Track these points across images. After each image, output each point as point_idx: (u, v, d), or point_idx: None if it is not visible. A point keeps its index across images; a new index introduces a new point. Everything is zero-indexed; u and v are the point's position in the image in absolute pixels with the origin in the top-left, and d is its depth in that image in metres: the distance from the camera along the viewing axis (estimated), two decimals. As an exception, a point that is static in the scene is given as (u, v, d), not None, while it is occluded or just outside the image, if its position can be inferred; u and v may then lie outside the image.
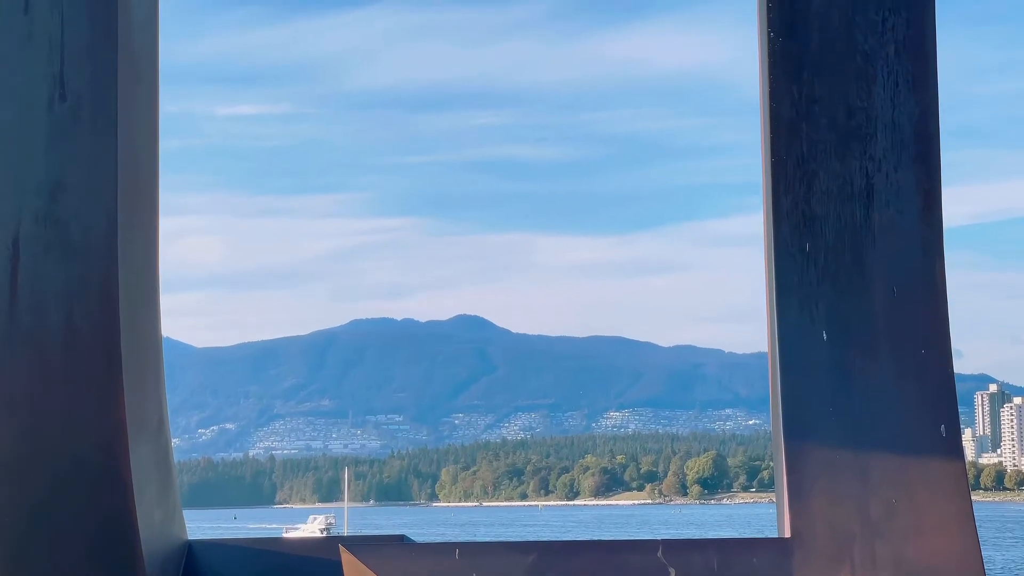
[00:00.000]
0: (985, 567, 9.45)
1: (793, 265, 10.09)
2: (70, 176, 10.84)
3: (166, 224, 12.10)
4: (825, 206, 10.11)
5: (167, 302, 12.15)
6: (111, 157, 10.84)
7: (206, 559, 11.75)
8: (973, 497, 9.99)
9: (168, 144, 12.07)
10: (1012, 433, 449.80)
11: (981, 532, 9.54)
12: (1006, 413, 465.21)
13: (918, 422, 9.79)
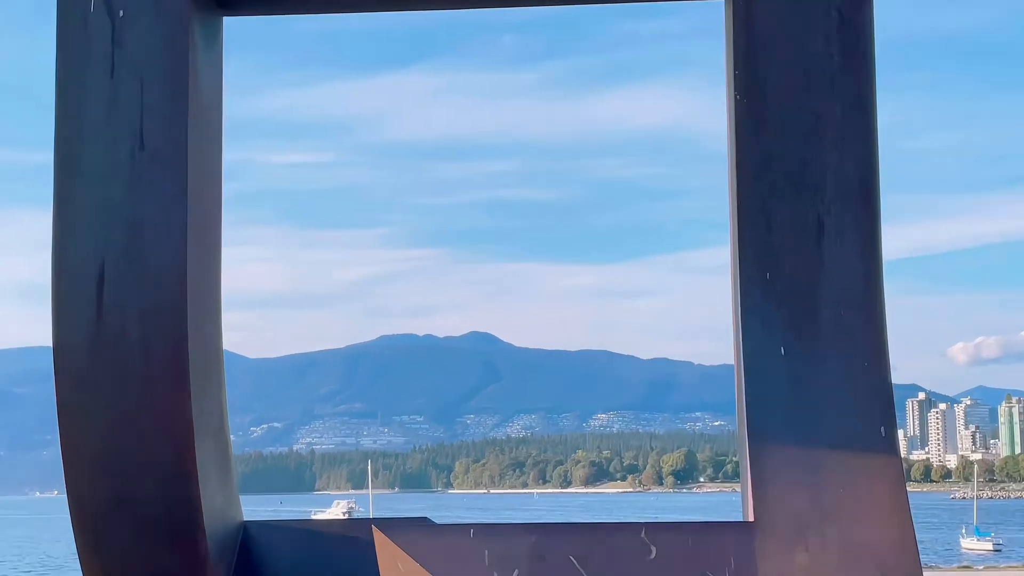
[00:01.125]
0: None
1: (755, 291, 10.11)
2: (147, 215, 10.88)
3: (229, 253, 12.13)
4: (782, 241, 10.13)
5: (228, 319, 12.18)
6: (181, 199, 10.89)
7: (258, 536, 11.75)
8: (906, 487, 10.01)
9: (230, 187, 12.04)
10: (938, 434, 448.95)
11: (913, 517, 9.55)
12: (932, 417, 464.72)
13: (861, 424, 9.80)
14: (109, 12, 11.02)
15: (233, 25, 11.92)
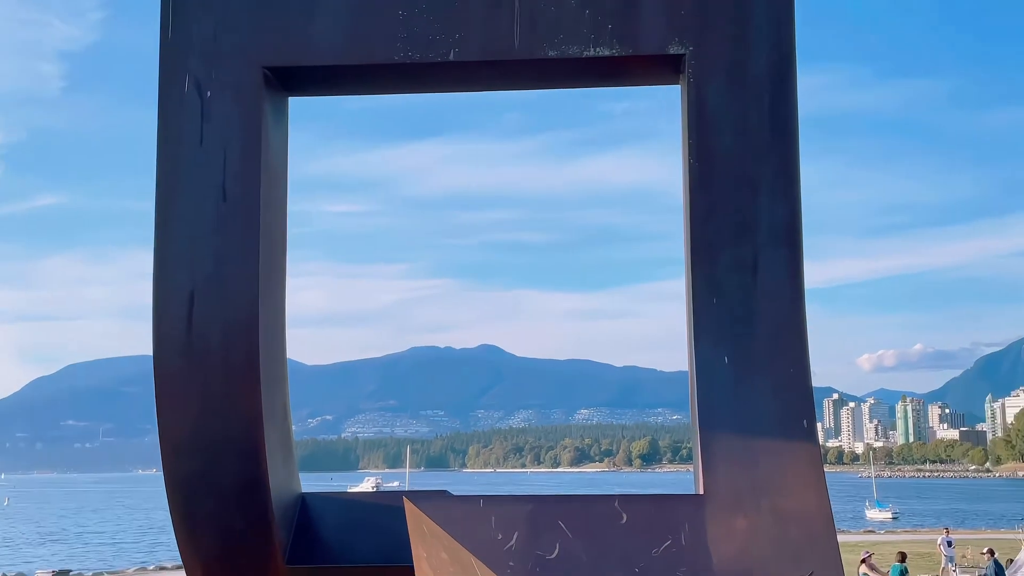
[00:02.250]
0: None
1: (705, 313, 10.08)
2: (227, 252, 10.88)
3: (291, 282, 12.12)
4: (726, 275, 10.12)
5: (290, 333, 12.15)
6: (254, 240, 10.89)
7: (313, 505, 11.72)
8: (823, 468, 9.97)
9: (293, 230, 11.99)
10: (847, 426, 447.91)
11: (828, 491, 9.53)
12: (843, 413, 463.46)
13: (788, 417, 9.76)
14: (199, 93, 11.07)
15: (297, 103, 11.95)
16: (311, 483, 12.50)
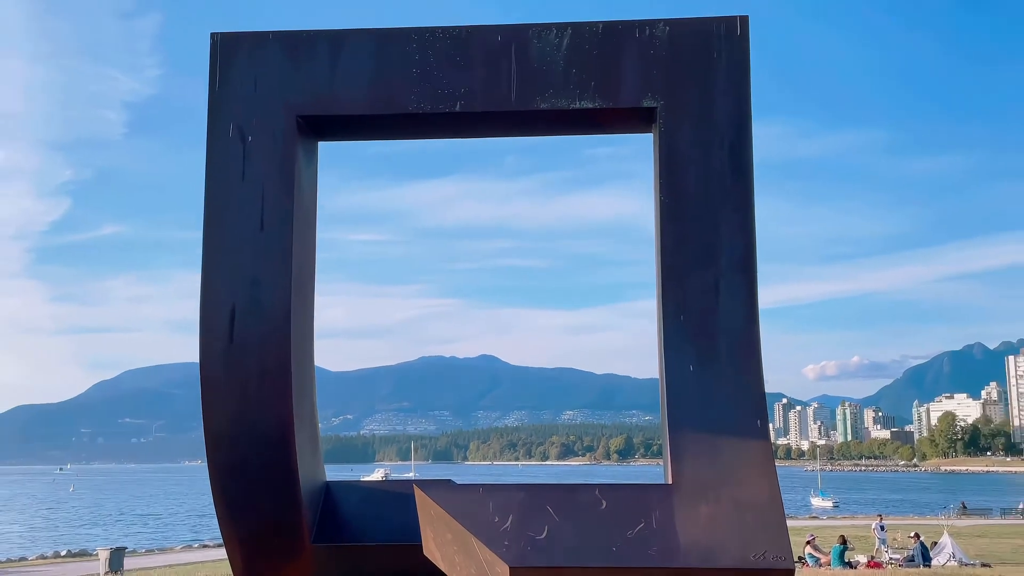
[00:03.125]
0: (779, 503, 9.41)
1: (674, 328, 10.06)
2: (264, 274, 10.86)
3: (319, 299, 12.09)
4: (692, 296, 10.11)
5: (317, 344, 12.12)
6: (287, 264, 10.88)
7: (336, 491, 11.66)
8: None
9: (321, 255, 11.98)
10: (795, 427, 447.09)
11: (779, 482, 9.49)
12: (792, 415, 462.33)
13: (744, 418, 9.73)
14: (241, 138, 11.08)
15: (326, 147, 11.96)
16: (334, 473, 12.45)
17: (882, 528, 34.18)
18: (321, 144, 11.92)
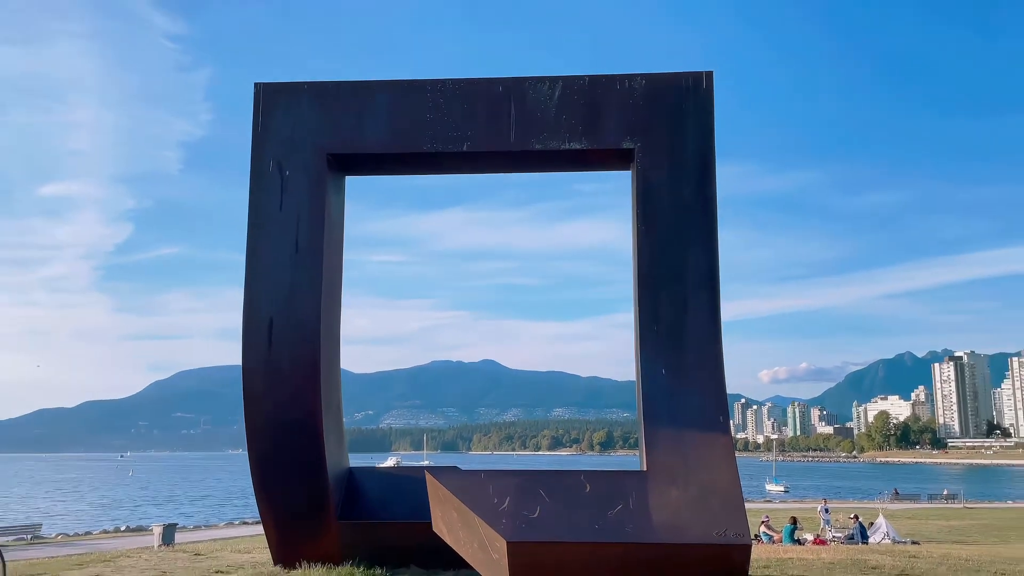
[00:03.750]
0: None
1: (649, 337, 10.04)
2: (298, 288, 10.86)
3: (345, 311, 12.07)
4: (664, 309, 10.10)
5: (342, 349, 12.09)
6: (318, 280, 10.88)
7: (358, 476, 11.62)
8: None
9: (347, 273, 11.93)
10: (752, 423, 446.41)
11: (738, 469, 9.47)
12: (749, 413, 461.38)
13: (708, 414, 9.69)
14: (280, 172, 11.09)
15: (352, 180, 11.97)
16: (356, 460, 12.40)
17: (826, 511, 34.04)
18: (348, 178, 11.96)
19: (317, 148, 11.18)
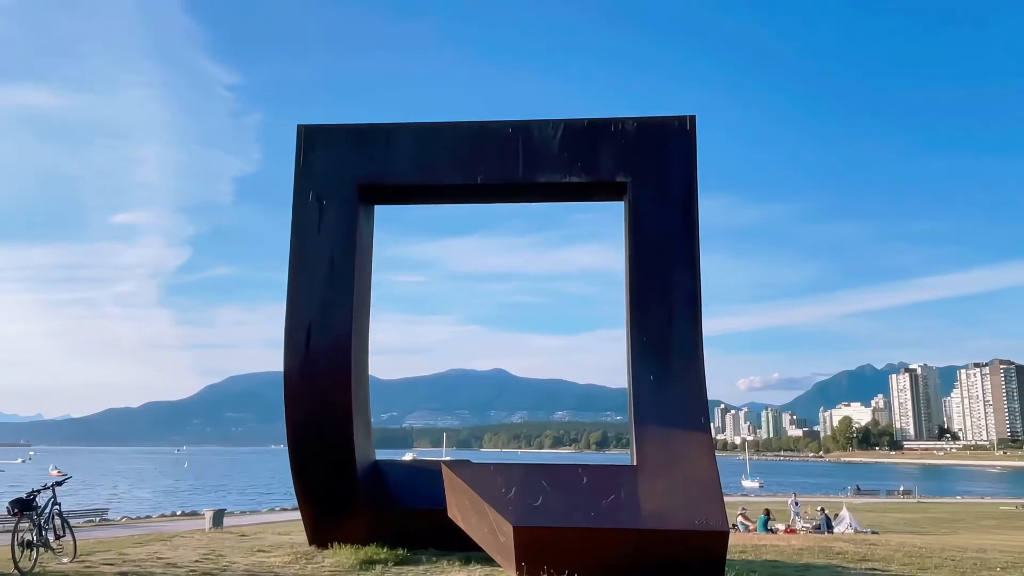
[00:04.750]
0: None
1: (639, 348, 9.99)
2: (332, 303, 10.85)
3: (373, 324, 12.05)
4: (652, 323, 10.05)
5: (371, 357, 12.06)
6: (349, 297, 10.87)
7: (383, 467, 11.55)
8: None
9: (375, 291, 11.95)
10: (730, 426, 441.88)
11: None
12: (728, 417, 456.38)
13: (691, 416, 9.62)
14: (318, 202, 11.13)
15: (381, 209, 11.98)
16: (381, 455, 12.33)
17: (796, 503, 33.72)
18: (377, 208, 11.98)
19: (350, 181, 11.22)
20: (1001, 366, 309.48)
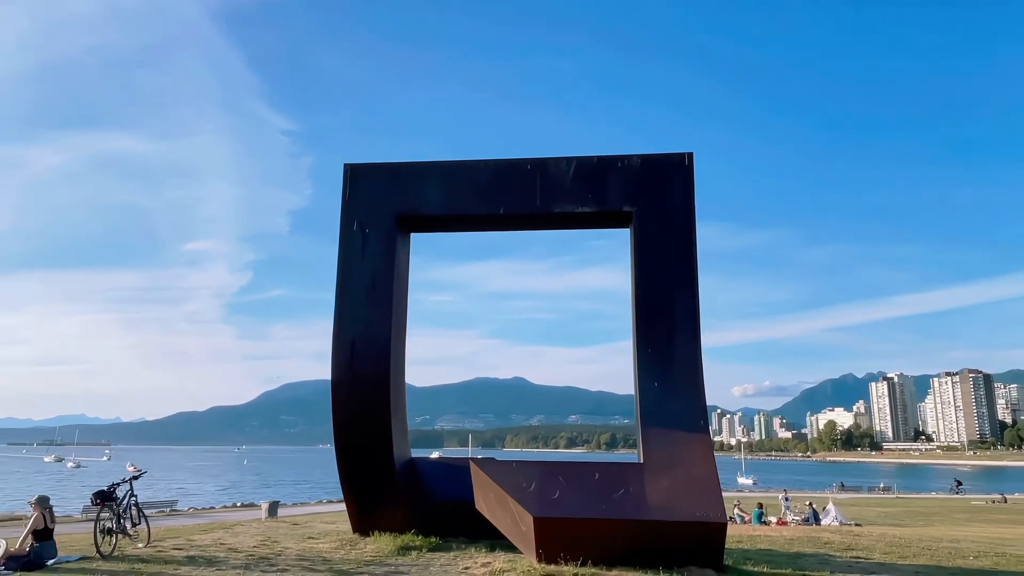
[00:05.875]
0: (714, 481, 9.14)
1: (645, 359, 9.91)
2: (374, 319, 10.89)
3: (409, 339, 12.05)
4: (656, 338, 9.97)
5: (407, 367, 12.06)
6: (388, 312, 10.90)
7: (418, 464, 11.50)
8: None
9: (411, 308, 11.97)
10: (726, 428, 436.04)
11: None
12: (724, 420, 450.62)
13: (692, 419, 9.51)
14: (362, 231, 11.21)
15: (416, 237, 12.03)
16: (416, 454, 12.29)
17: (787, 498, 33.14)
18: (413, 235, 12.04)
19: (389, 212, 11.30)
20: (970, 375, 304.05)
